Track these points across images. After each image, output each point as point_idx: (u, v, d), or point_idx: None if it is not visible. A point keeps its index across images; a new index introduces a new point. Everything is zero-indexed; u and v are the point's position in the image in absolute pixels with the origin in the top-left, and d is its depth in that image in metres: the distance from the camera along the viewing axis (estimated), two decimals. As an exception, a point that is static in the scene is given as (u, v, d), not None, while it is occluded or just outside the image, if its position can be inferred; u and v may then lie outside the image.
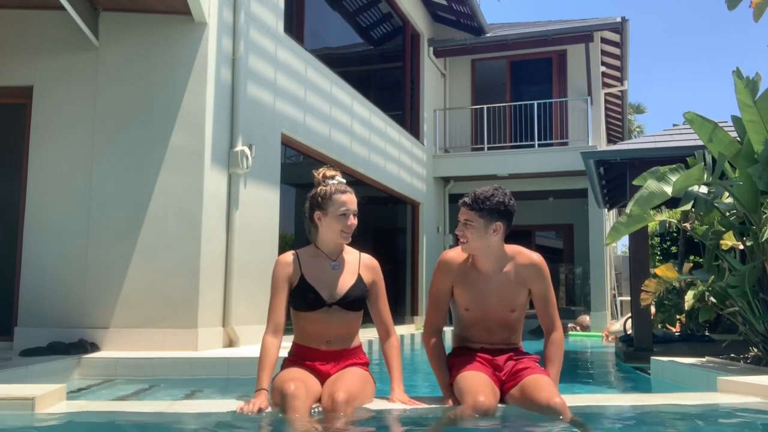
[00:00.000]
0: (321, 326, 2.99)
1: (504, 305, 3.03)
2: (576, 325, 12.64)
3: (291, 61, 8.04)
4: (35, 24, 6.51)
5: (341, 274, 3.04)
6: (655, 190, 4.80)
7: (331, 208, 3.00)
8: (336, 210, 3.00)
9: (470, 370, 2.89)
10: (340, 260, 3.08)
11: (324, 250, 3.08)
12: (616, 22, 13.52)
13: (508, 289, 3.03)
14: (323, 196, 3.02)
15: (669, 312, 7.19)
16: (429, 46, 13.69)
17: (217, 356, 5.56)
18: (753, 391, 3.30)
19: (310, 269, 3.02)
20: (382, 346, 3.15)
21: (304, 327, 3.03)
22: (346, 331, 3.04)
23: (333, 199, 3.00)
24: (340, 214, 3.00)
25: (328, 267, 3.04)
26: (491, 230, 2.96)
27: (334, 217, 3.00)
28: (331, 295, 2.99)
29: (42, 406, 2.79)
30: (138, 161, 6.22)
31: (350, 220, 3.02)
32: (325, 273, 3.03)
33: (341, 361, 3.00)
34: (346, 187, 3.06)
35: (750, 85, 4.59)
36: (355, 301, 3.02)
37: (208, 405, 3.22)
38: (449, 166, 14.00)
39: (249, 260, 6.80)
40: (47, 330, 5.98)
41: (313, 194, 3.07)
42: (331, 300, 2.98)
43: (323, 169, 3.13)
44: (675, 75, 67.20)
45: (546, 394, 2.69)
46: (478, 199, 2.96)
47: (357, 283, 3.04)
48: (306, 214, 3.12)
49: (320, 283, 3.00)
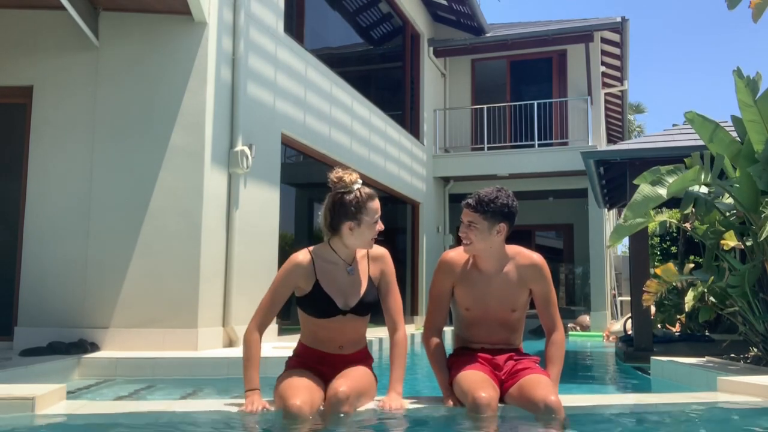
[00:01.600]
0: (333, 333, 2.90)
1: (505, 305, 3.02)
2: (576, 325, 12.63)
3: (291, 61, 8.04)
4: (35, 24, 6.51)
5: (356, 279, 2.91)
6: (649, 194, 4.80)
7: (365, 218, 2.84)
8: (371, 218, 2.85)
9: (469, 369, 2.89)
10: (354, 263, 2.94)
11: (341, 255, 2.93)
12: (616, 22, 13.52)
13: (508, 289, 3.02)
14: (356, 206, 2.82)
15: (669, 312, 7.20)
16: (429, 46, 13.69)
17: (217, 356, 5.56)
18: (753, 391, 3.30)
19: (325, 275, 2.88)
20: (390, 340, 3.03)
21: (314, 332, 2.93)
22: (357, 335, 2.97)
23: (367, 207, 2.84)
24: (374, 222, 2.86)
25: (344, 273, 2.91)
26: (495, 231, 2.96)
27: (368, 225, 2.85)
28: (346, 303, 2.87)
29: (42, 406, 2.79)
30: (138, 161, 6.22)
31: (380, 225, 2.90)
32: (340, 279, 2.89)
33: (348, 364, 2.93)
34: (372, 191, 2.90)
35: (750, 84, 4.60)
36: (368, 306, 2.92)
37: (207, 405, 3.21)
38: (449, 166, 14.00)
39: (249, 260, 6.79)
40: (47, 330, 5.98)
41: (342, 202, 2.84)
42: (346, 308, 2.87)
43: (343, 173, 2.88)
44: (675, 75, 67.23)
45: (542, 393, 2.69)
46: (483, 201, 2.94)
47: (369, 287, 2.93)
48: (327, 221, 2.90)
49: (335, 291, 2.87)
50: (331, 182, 2.88)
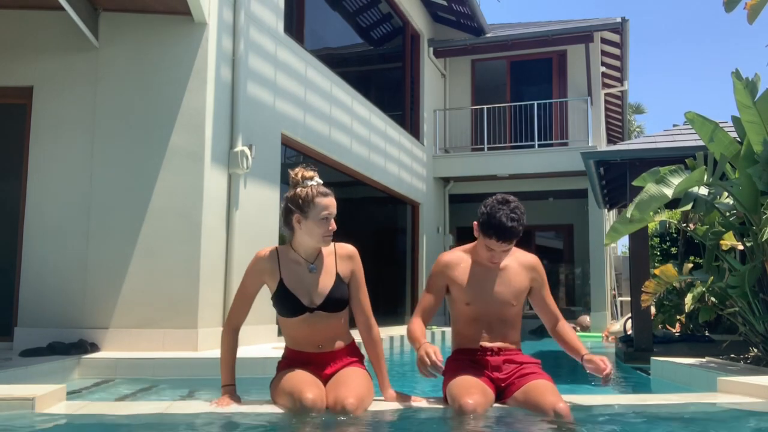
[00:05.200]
0: (307, 331, 2.93)
1: (505, 299, 3.05)
2: (576, 325, 12.63)
3: (291, 61, 8.04)
4: (35, 24, 6.51)
5: (320, 276, 2.95)
6: (655, 194, 4.80)
7: (312, 212, 2.87)
8: (317, 214, 2.87)
9: (461, 375, 2.90)
10: (317, 262, 2.98)
11: (301, 253, 2.97)
12: (616, 23, 13.53)
13: (508, 283, 3.07)
14: (304, 199, 2.87)
15: (669, 312, 7.20)
16: (429, 46, 13.69)
17: (217, 356, 5.53)
18: (753, 392, 3.30)
19: (288, 274, 2.93)
20: (364, 341, 3.07)
21: (291, 333, 2.99)
22: (334, 332, 2.98)
23: (315, 203, 2.87)
24: (321, 218, 2.88)
25: (306, 271, 2.95)
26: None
27: (315, 221, 2.88)
28: (311, 300, 2.91)
29: (42, 407, 2.79)
30: (138, 161, 6.22)
31: (331, 224, 2.91)
32: (303, 277, 2.93)
33: (337, 361, 2.95)
34: (327, 190, 2.92)
35: (749, 86, 4.60)
36: (336, 303, 2.95)
37: (207, 405, 3.21)
38: (449, 166, 14.00)
39: (249, 260, 6.73)
40: (47, 330, 5.98)
41: (291, 196, 2.92)
42: (312, 305, 2.91)
43: (299, 169, 2.96)
44: (675, 75, 67.24)
45: (551, 399, 2.72)
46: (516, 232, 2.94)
47: (337, 284, 2.95)
48: (281, 217, 2.99)
49: (299, 289, 2.91)
50: (291, 178, 2.96)
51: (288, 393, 2.76)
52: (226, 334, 3.06)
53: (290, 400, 2.72)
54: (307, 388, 2.71)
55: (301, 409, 2.64)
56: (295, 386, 2.74)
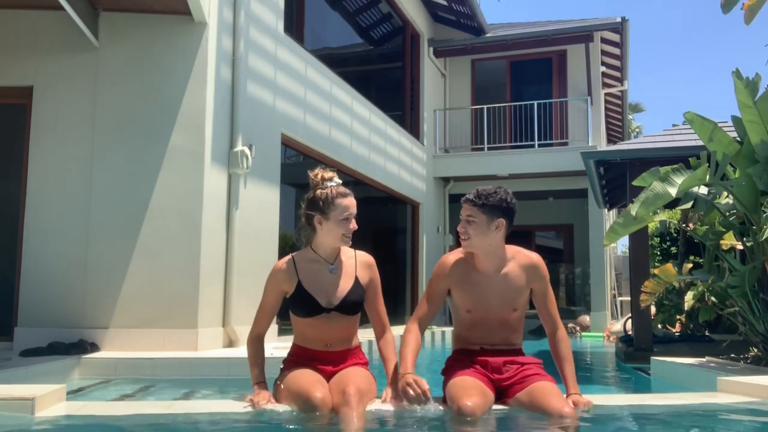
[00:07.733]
0: (320, 330, 2.98)
1: (506, 305, 3.03)
2: (576, 325, 12.63)
3: (291, 61, 8.04)
4: (35, 24, 6.51)
5: (339, 278, 3.01)
6: (660, 192, 4.79)
7: (333, 213, 2.94)
8: (339, 215, 2.95)
9: (461, 376, 2.89)
10: (337, 263, 3.05)
11: (321, 254, 3.04)
12: (616, 22, 13.53)
13: (509, 289, 3.03)
14: (324, 200, 2.95)
15: (669, 312, 7.20)
16: (429, 46, 13.69)
17: (217, 356, 5.56)
18: (753, 391, 3.30)
19: (307, 275, 2.99)
20: (378, 343, 3.14)
21: (303, 331, 3.03)
22: (346, 333, 3.04)
23: (335, 204, 2.94)
24: (342, 218, 2.95)
25: (326, 271, 3.01)
26: (493, 227, 2.96)
27: (336, 221, 2.95)
28: (329, 301, 2.96)
29: (42, 407, 2.79)
30: (138, 161, 6.22)
31: (352, 224, 2.99)
32: (322, 278, 2.99)
33: (342, 362, 3.01)
34: (346, 190, 3.01)
35: (750, 85, 4.59)
36: (353, 305, 3.01)
37: (208, 405, 3.22)
38: (449, 166, 14.00)
39: (249, 260, 6.79)
40: (47, 330, 5.98)
41: (312, 197, 2.99)
42: (330, 306, 2.96)
43: (319, 170, 3.04)
44: (674, 75, 67.21)
45: (556, 403, 2.71)
46: (481, 196, 2.97)
47: (354, 287, 3.02)
48: (302, 218, 3.06)
49: (318, 289, 2.97)
50: (310, 179, 3.04)
51: (296, 392, 2.79)
52: (250, 341, 3.09)
53: (298, 399, 2.75)
54: (314, 387, 2.75)
55: (309, 408, 2.67)
56: (302, 386, 2.78)
